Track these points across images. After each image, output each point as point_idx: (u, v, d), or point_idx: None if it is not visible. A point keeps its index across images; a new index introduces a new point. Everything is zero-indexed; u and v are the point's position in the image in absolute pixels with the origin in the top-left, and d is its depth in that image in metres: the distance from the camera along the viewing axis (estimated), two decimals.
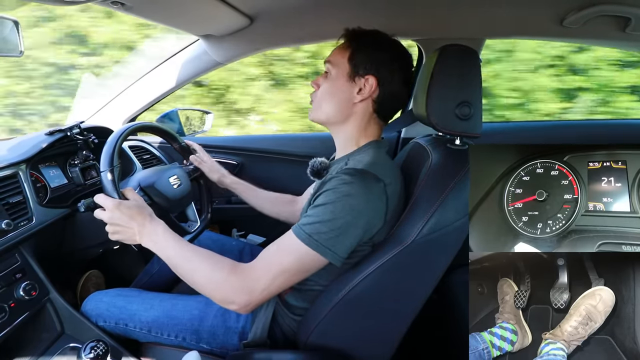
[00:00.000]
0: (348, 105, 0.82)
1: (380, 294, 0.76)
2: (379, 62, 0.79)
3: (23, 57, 1.09)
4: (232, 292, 0.70)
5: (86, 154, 1.13)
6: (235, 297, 0.70)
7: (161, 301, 0.92)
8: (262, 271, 0.71)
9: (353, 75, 0.80)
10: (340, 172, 0.73)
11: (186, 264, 0.74)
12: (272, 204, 1.17)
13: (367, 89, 0.80)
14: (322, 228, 0.69)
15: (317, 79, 0.86)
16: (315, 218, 0.70)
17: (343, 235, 0.70)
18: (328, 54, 0.86)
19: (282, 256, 0.71)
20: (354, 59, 0.80)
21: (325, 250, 0.69)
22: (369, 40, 0.82)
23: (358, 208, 0.70)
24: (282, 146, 1.54)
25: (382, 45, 0.81)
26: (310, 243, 0.69)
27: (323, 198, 0.72)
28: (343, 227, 0.69)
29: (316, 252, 0.69)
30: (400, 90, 0.83)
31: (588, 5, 1.00)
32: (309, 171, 0.85)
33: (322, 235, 0.69)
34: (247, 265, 0.72)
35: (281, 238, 0.74)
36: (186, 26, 1.19)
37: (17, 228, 0.87)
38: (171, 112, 1.49)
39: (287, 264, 0.71)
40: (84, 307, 0.95)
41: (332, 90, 0.83)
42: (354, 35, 0.83)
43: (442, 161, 0.78)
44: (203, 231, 1.11)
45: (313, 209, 0.72)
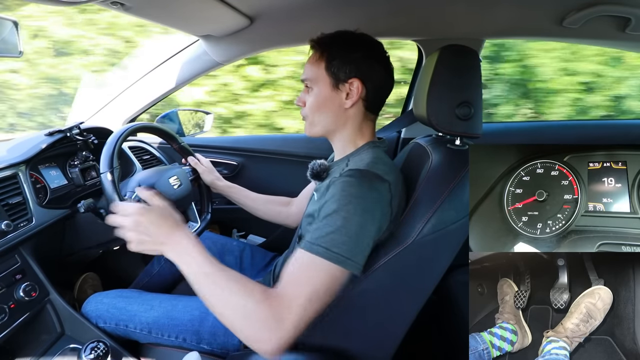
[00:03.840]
0: (341, 112, 0.81)
1: (380, 294, 0.76)
2: (356, 61, 0.78)
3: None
4: (263, 326, 0.60)
5: (86, 154, 1.13)
6: (265, 333, 0.60)
7: (161, 302, 0.92)
8: (295, 301, 0.61)
9: (336, 84, 0.79)
10: (344, 174, 0.72)
11: (212, 287, 0.64)
12: (265, 206, 1.17)
13: (354, 92, 0.79)
14: (338, 238, 0.64)
15: (301, 97, 0.84)
16: (328, 228, 0.65)
17: (359, 241, 0.66)
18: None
19: (314, 283, 0.63)
20: (331, 68, 0.78)
21: (346, 261, 0.64)
22: (339, 43, 0.80)
23: (368, 209, 0.68)
24: (282, 146, 1.54)
25: (353, 44, 0.80)
26: (330, 257, 0.63)
27: (331, 205, 0.68)
28: (358, 232, 0.66)
29: (338, 266, 0.63)
30: (384, 79, 0.82)
31: (588, 5, 1.00)
32: (308, 173, 0.85)
33: (342, 247, 0.64)
34: (277, 292, 0.63)
35: (295, 261, 0.66)
36: (186, 26, 1.19)
37: (17, 229, 0.87)
38: (171, 113, 1.49)
39: (322, 290, 0.63)
40: (84, 308, 0.95)
41: (320, 103, 0.81)
42: (322, 43, 0.81)
43: (442, 161, 0.78)
44: (203, 232, 1.12)
45: (323, 220, 0.67)
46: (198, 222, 1.10)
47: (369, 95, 0.80)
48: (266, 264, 1.16)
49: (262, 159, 1.55)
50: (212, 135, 1.88)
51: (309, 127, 0.85)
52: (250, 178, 1.54)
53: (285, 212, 1.15)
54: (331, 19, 1.16)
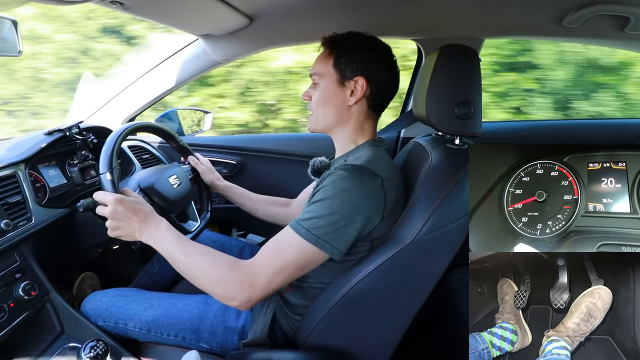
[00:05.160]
0: (344, 109, 0.84)
1: (379, 294, 0.76)
2: (364, 60, 0.81)
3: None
4: (233, 288, 0.71)
5: (85, 153, 1.13)
6: (236, 294, 0.71)
7: (160, 301, 0.92)
8: (263, 267, 0.71)
9: (342, 80, 0.82)
10: (338, 168, 0.75)
11: (187, 261, 0.74)
12: (265, 207, 1.18)
13: (358, 89, 0.82)
14: (321, 222, 0.70)
15: (308, 91, 0.88)
16: (313, 213, 0.71)
17: (342, 229, 0.71)
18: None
19: (281, 252, 0.72)
20: (339, 65, 0.82)
21: (324, 244, 0.70)
22: (349, 42, 0.83)
23: (356, 202, 0.71)
24: (282, 146, 1.54)
25: (363, 44, 0.83)
26: (309, 238, 0.70)
27: (321, 194, 0.73)
28: (341, 221, 0.70)
29: (315, 247, 0.70)
30: (389, 81, 0.85)
31: (587, 4, 1.00)
32: (309, 170, 0.87)
33: (321, 230, 0.70)
34: (247, 262, 0.73)
35: (279, 234, 0.74)
36: (185, 26, 1.18)
37: (17, 228, 0.87)
38: (170, 112, 1.49)
39: (287, 259, 0.71)
40: (83, 307, 0.95)
41: (325, 99, 0.84)
42: (333, 41, 0.84)
43: (441, 161, 0.78)
44: (203, 231, 1.11)
45: (311, 205, 0.73)
46: (197, 221, 1.09)
47: (373, 95, 0.83)
48: None
49: (261, 159, 1.54)
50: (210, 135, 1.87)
51: (313, 122, 0.88)
52: (249, 177, 1.54)
53: (284, 212, 1.16)
54: (331, 18, 1.16)
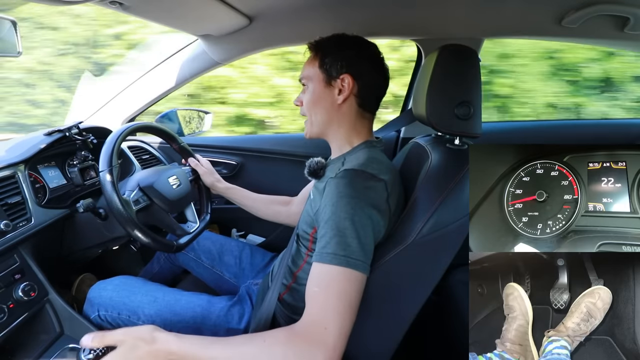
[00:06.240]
0: (334, 109, 0.84)
1: (379, 294, 0.76)
2: (348, 58, 0.82)
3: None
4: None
5: (85, 154, 1.13)
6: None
7: (165, 294, 0.93)
8: (323, 316, 0.61)
9: (329, 80, 0.83)
10: (338, 175, 0.72)
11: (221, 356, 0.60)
12: (266, 206, 1.17)
13: (345, 87, 0.82)
14: (350, 242, 0.65)
15: (299, 97, 0.89)
16: (330, 233, 0.66)
17: (364, 240, 0.67)
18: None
19: (328, 288, 0.63)
20: (324, 65, 0.83)
21: (356, 263, 0.65)
22: (333, 43, 0.84)
23: (364, 208, 0.68)
24: (281, 146, 1.54)
25: (346, 44, 0.84)
26: (340, 262, 0.64)
27: (330, 208, 0.68)
28: (361, 231, 0.66)
29: (348, 268, 0.64)
30: (376, 79, 0.85)
31: (587, 4, 1.00)
32: (306, 171, 0.86)
33: (355, 252, 0.65)
34: (301, 322, 0.62)
35: (317, 275, 0.65)
36: (185, 26, 1.18)
37: (16, 229, 0.87)
38: (170, 112, 1.49)
39: (338, 292, 0.63)
40: (89, 294, 0.96)
41: (315, 100, 0.84)
42: (317, 44, 0.86)
43: (441, 161, 0.78)
44: (202, 231, 1.11)
45: (324, 227, 0.68)
46: (197, 222, 1.09)
47: (361, 92, 0.83)
48: (265, 264, 1.16)
49: (261, 159, 1.54)
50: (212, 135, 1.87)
51: (309, 128, 0.88)
52: (249, 178, 1.54)
53: (285, 211, 1.15)
54: (330, 18, 1.16)
